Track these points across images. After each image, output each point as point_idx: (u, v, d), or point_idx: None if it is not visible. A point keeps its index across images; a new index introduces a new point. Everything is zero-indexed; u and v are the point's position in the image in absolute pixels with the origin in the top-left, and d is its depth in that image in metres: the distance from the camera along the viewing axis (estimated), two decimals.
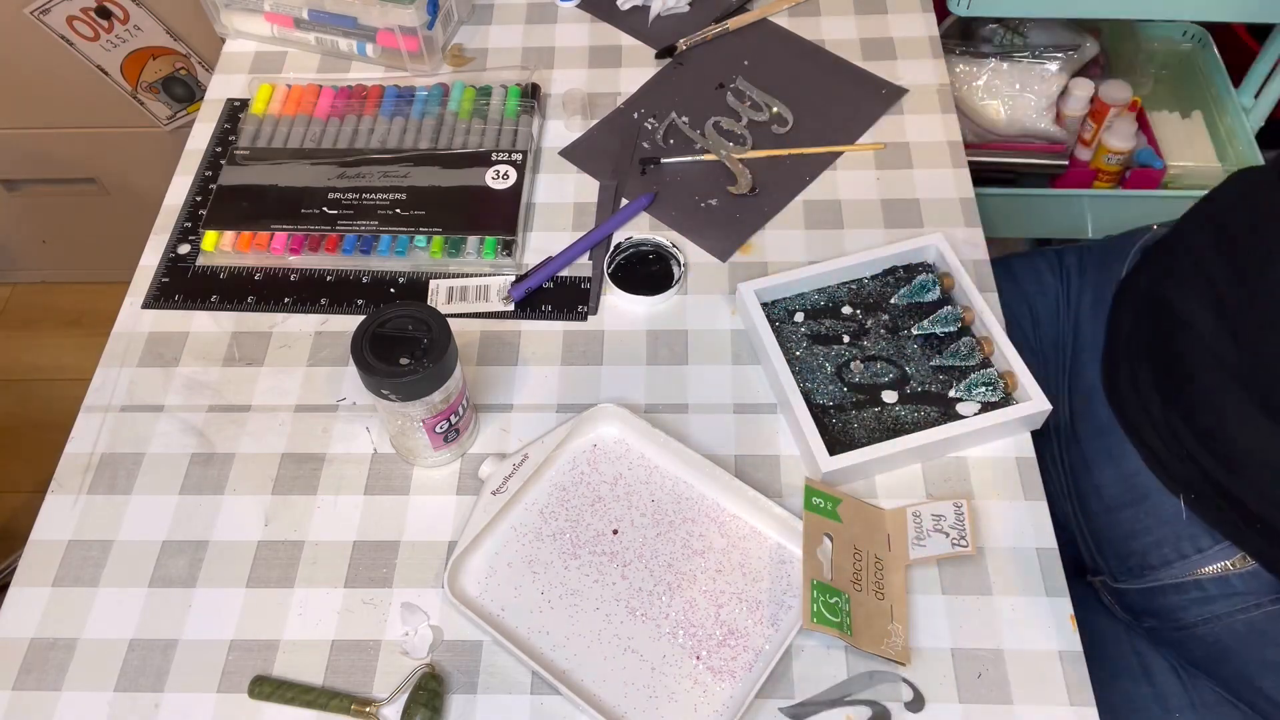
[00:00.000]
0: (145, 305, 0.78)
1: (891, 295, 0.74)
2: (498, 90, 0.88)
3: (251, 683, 0.60)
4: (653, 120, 0.88)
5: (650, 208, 0.82)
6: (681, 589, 0.63)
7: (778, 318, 0.73)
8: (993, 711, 0.58)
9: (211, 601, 0.64)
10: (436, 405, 0.63)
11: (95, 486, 0.69)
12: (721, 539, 0.65)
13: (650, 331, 0.75)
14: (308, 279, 0.79)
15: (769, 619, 0.61)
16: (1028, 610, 0.61)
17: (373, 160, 0.84)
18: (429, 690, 0.59)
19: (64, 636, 0.63)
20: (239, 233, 0.80)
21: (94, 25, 1.29)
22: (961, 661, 0.60)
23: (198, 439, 0.71)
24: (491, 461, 0.67)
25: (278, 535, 0.66)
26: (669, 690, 0.59)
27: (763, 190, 0.82)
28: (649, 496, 0.67)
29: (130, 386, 0.74)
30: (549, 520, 0.66)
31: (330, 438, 0.71)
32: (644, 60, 0.93)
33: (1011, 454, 0.68)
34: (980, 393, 0.68)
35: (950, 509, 0.63)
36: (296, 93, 0.89)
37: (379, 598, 0.63)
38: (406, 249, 0.79)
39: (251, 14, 0.93)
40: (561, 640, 0.61)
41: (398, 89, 0.89)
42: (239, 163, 0.84)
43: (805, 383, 0.69)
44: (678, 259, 0.77)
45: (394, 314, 0.61)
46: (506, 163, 0.83)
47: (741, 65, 0.92)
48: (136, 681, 0.61)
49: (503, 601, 0.63)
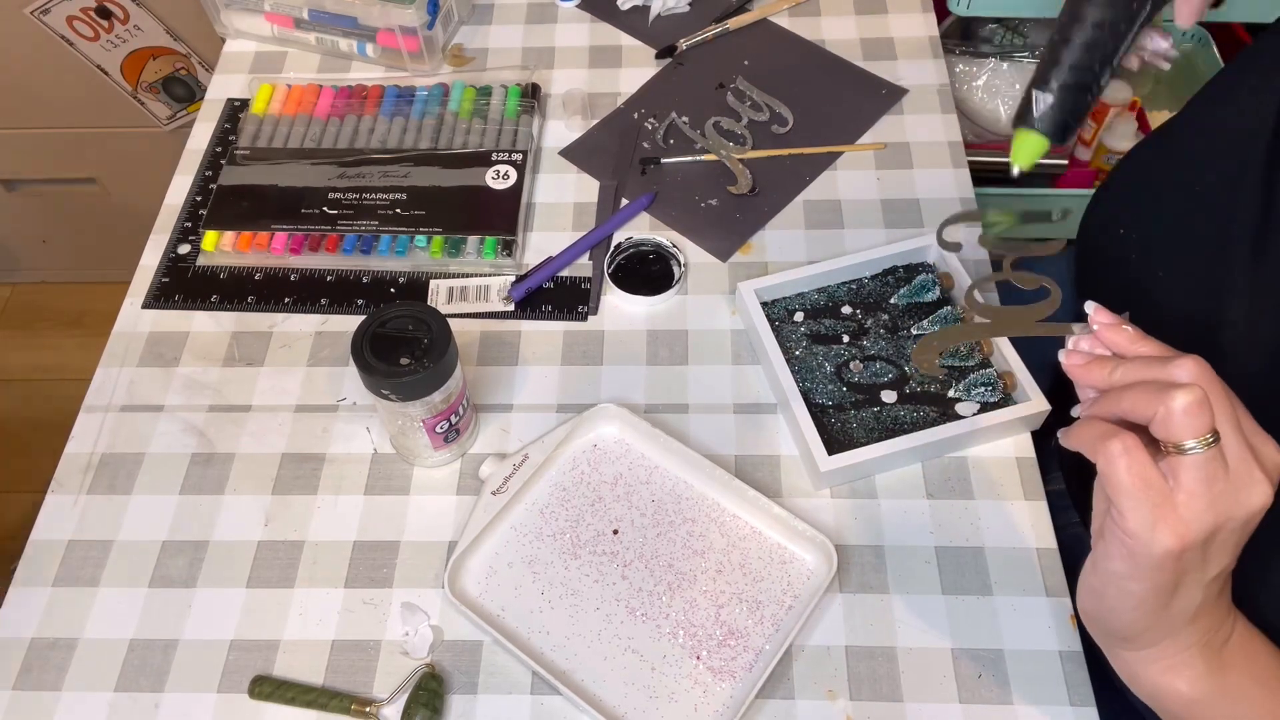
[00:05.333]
0: (145, 305, 0.78)
1: (891, 295, 0.74)
2: (498, 90, 0.88)
3: (252, 683, 0.60)
4: (653, 120, 0.88)
5: (650, 208, 0.82)
6: (682, 589, 0.63)
7: (777, 317, 0.73)
8: (993, 711, 0.58)
9: (212, 601, 0.64)
10: (436, 405, 0.63)
11: (95, 486, 0.69)
12: (721, 539, 0.65)
13: (650, 331, 0.75)
14: (308, 279, 0.79)
15: (769, 619, 0.61)
16: (1028, 610, 0.61)
17: (373, 160, 0.84)
18: (429, 690, 0.59)
19: (64, 636, 0.63)
20: (239, 233, 0.80)
21: (94, 25, 1.29)
22: (961, 661, 0.60)
23: (198, 439, 0.71)
24: (491, 461, 0.67)
25: (278, 535, 0.66)
26: (669, 690, 0.59)
27: (763, 190, 0.82)
28: (649, 496, 0.67)
29: (130, 386, 0.74)
30: (549, 520, 0.66)
31: (330, 438, 0.71)
32: (644, 60, 0.93)
33: (1011, 454, 0.68)
34: (979, 393, 0.68)
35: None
36: (297, 93, 0.89)
37: (379, 598, 0.64)
38: (406, 249, 0.79)
39: (251, 14, 0.93)
40: (561, 640, 0.61)
41: (398, 89, 0.89)
42: (239, 163, 0.84)
43: (804, 382, 0.69)
44: (678, 259, 0.77)
45: (394, 314, 0.61)
46: (507, 163, 0.83)
47: (741, 65, 0.92)
48: (136, 681, 0.61)
49: (503, 601, 0.63)
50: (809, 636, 0.61)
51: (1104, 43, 0.50)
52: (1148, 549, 0.41)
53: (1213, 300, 0.58)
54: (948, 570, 0.63)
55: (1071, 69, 0.51)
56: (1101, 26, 0.50)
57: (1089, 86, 0.51)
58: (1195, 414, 0.40)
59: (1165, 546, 0.40)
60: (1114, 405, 0.43)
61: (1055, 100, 0.51)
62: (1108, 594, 0.44)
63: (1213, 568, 0.43)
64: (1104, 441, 0.41)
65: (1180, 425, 0.40)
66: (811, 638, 0.61)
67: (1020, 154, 0.54)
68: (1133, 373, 0.44)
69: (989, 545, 0.64)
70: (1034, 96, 0.52)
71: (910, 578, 0.63)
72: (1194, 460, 0.40)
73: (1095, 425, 0.43)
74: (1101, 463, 0.41)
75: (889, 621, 0.61)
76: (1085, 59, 0.51)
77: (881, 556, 0.64)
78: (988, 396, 0.68)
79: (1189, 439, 0.40)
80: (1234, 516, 0.41)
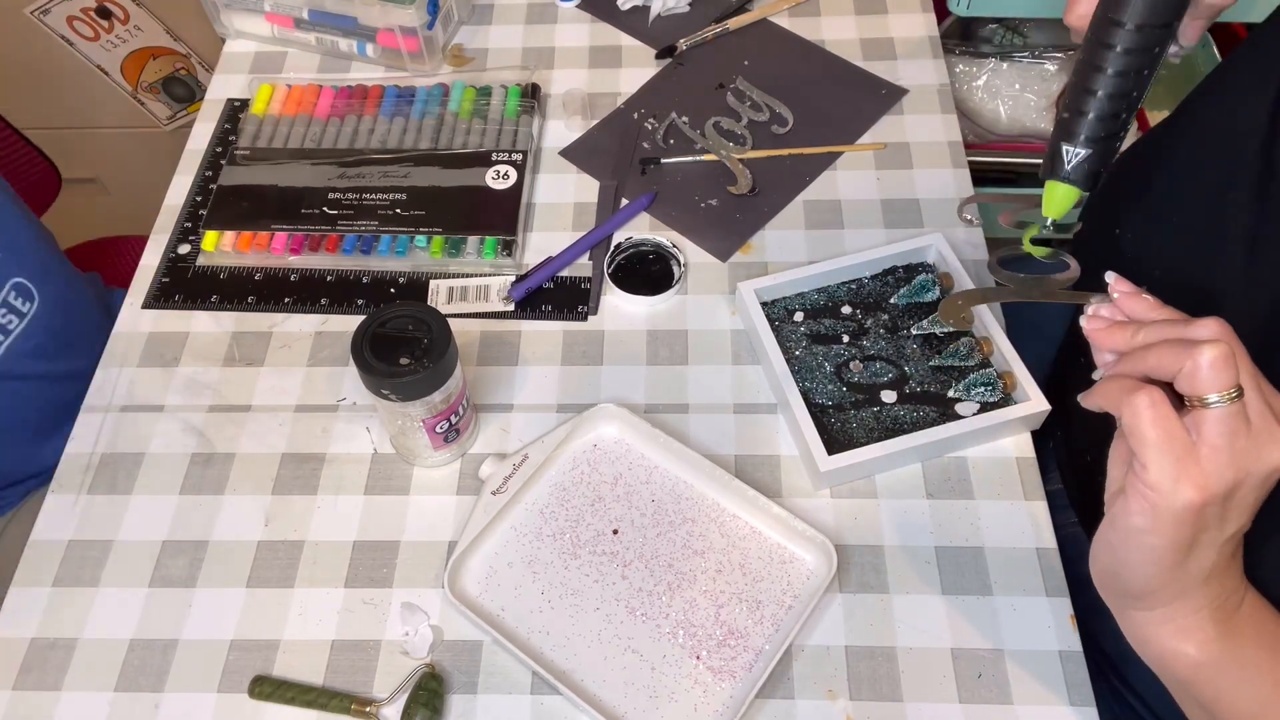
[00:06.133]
0: (145, 305, 0.78)
1: (891, 295, 0.74)
2: (498, 90, 0.88)
3: (252, 683, 0.60)
4: (653, 120, 0.88)
5: (650, 208, 0.82)
6: (682, 589, 0.63)
7: (777, 317, 0.73)
8: (993, 711, 0.58)
9: (211, 601, 0.64)
10: (436, 405, 0.63)
11: (95, 486, 0.69)
12: (721, 539, 0.65)
13: (650, 331, 0.75)
14: (308, 279, 0.79)
15: (769, 619, 0.61)
16: (1028, 610, 0.61)
17: (373, 160, 0.84)
18: (429, 690, 0.59)
19: (64, 636, 0.63)
20: (239, 233, 0.80)
21: (94, 25, 1.29)
22: (961, 661, 0.60)
23: (198, 439, 0.71)
24: (491, 461, 0.67)
25: (278, 535, 0.66)
26: (669, 690, 0.59)
27: (763, 190, 0.82)
28: (649, 496, 0.67)
29: (130, 386, 0.74)
30: (549, 520, 0.66)
31: (330, 438, 0.71)
32: (644, 60, 0.93)
33: (1011, 454, 0.68)
34: (979, 393, 0.68)
35: None
36: (297, 93, 0.89)
37: (379, 598, 0.64)
38: (406, 249, 0.79)
39: (251, 14, 0.93)
40: (562, 640, 0.61)
41: (398, 89, 0.89)
42: (239, 163, 0.84)
43: (804, 382, 0.69)
44: (678, 259, 0.77)
45: (394, 314, 0.61)
46: (506, 163, 0.83)
47: (741, 65, 0.92)
48: (136, 681, 0.61)
49: (503, 601, 0.63)
50: (809, 636, 0.61)
51: (1128, 91, 0.50)
52: (1169, 501, 0.41)
53: (1208, 299, 0.58)
54: (948, 570, 0.63)
55: (1099, 120, 0.51)
56: (1125, 75, 0.50)
57: (1116, 135, 0.52)
58: (1221, 368, 0.41)
59: (1187, 499, 0.41)
60: (1139, 363, 0.44)
61: (1085, 154, 0.52)
62: (1125, 549, 0.44)
63: (1230, 526, 0.43)
64: (1130, 395, 0.42)
65: (1207, 378, 0.41)
66: (811, 638, 0.61)
67: (1052, 206, 0.54)
68: (1156, 333, 0.45)
69: (989, 545, 0.64)
70: (1064, 150, 0.52)
71: (910, 578, 0.63)
72: (1218, 414, 0.41)
73: (1120, 381, 0.44)
74: (1127, 416, 0.42)
75: (889, 621, 0.61)
76: (1111, 108, 0.51)
77: (881, 556, 0.64)
78: (988, 396, 0.68)
79: (1214, 392, 0.41)
80: (1254, 472, 0.42)
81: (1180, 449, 0.41)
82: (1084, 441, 0.73)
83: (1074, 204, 0.54)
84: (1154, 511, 0.42)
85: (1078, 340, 0.80)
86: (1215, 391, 0.41)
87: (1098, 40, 0.50)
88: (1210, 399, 0.41)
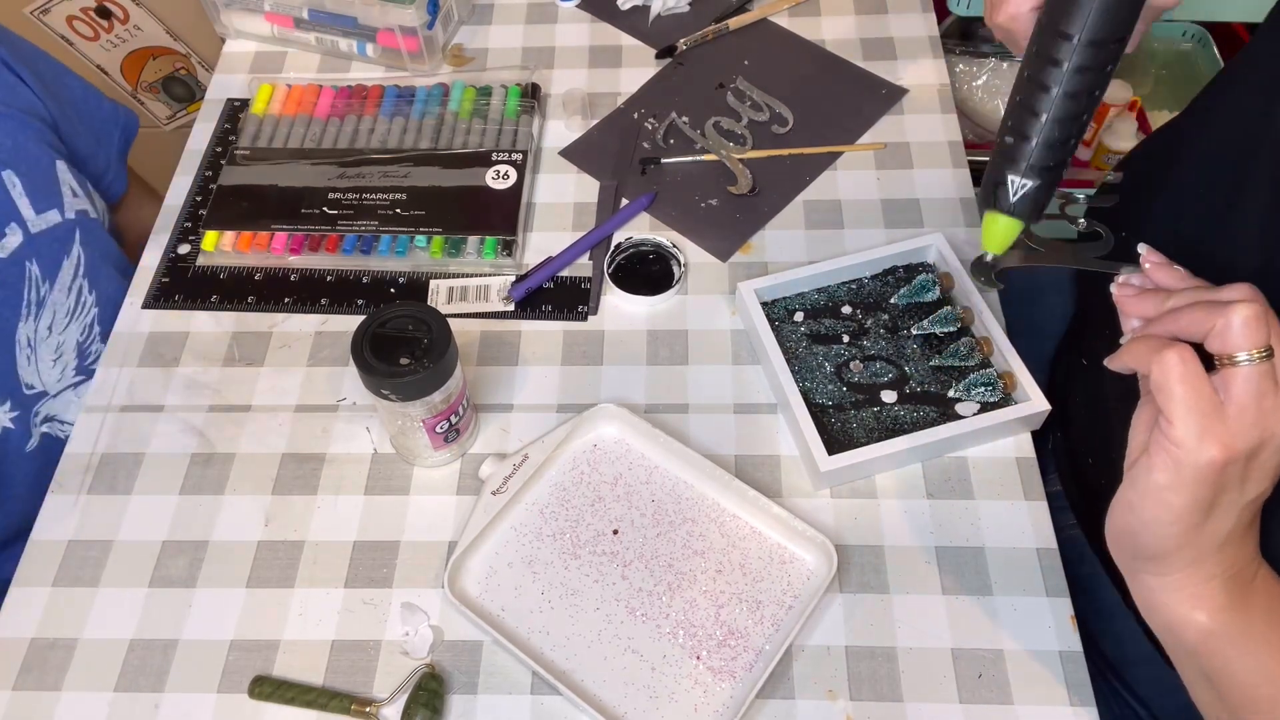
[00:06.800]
0: (145, 305, 0.78)
1: (891, 295, 0.74)
2: (498, 90, 0.88)
3: (251, 683, 0.60)
4: (653, 120, 0.88)
5: (650, 208, 0.82)
6: (682, 589, 0.63)
7: (777, 317, 0.73)
8: (993, 711, 0.58)
9: (211, 601, 0.64)
10: (436, 405, 0.63)
11: (95, 486, 0.69)
12: (721, 539, 0.65)
13: (650, 331, 0.75)
14: (308, 279, 0.79)
15: (769, 619, 0.61)
16: (1028, 610, 0.61)
17: (373, 160, 0.84)
18: (429, 690, 0.59)
19: (64, 636, 0.63)
20: (239, 233, 0.80)
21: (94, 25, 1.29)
22: (961, 661, 0.60)
23: (198, 439, 0.71)
24: (492, 461, 0.67)
25: (278, 535, 0.66)
26: (669, 690, 0.59)
27: (763, 190, 0.82)
28: (649, 496, 0.67)
29: (130, 386, 0.74)
30: (549, 520, 0.66)
31: (330, 438, 0.71)
32: (644, 60, 0.93)
33: (1011, 454, 0.68)
34: (979, 393, 0.68)
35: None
36: (296, 93, 0.89)
37: (379, 598, 0.63)
38: (406, 249, 0.79)
39: (251, 14, 0.93)
40: (561, 640, 0.61)
41: (398, 89, 0.89)
42: (239, 163, 0.84)
43: (804, 382, 0.69)
44: (678, 259, 0.77)
45: (394, 314, 0.61)
46: (506, 163, 0.83)
47: (741, 65, 0.92)
48: (136, 681, 0.61)
49: (503, 601, 0.63)
50: (809, 636, 0.61)
51: (1078, 114, 0.46)
52: (1194, 458, 0.42)
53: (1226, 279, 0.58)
54: (948, 570, 0.63)
55: (1047, 148, 0.47)
56: (1075, 97, 0.45)
57: (1064, 162, 0.48)
58: (1254, 326, 0.41)
59: (1210, 456, 0.42)
60: (1170, 323, 0.44)
61: (1032, 185, 0.48)
62: (1145, 507, 0.45)
63: (1251, 489, 0.44)
64: (1160, 352, 0.43)
65: (1239, 335, 0.42)
66: (811, 638, 0.61)
67: (993, 240, 0.52)
68: (1187, 298, 0.45)
69: (989, 545, 0.64)
70: (1008, 181, 0.48)
71: (910, 578, 0.63)
72: (1247, 372, 0.42)
73: (1149, 340, 0.44)
74: (1156, 372, 0.43)
75: (889, 621, 0.61)
76: (1060, 134, 0.47)
77: (881, 556, 0.64)
78: (988, 396, 0.68)
79: (1245, 350, 0.42)
80: (1278, 434, 0.42)
81: (1208, 405, 0.42)
82: (1084, 444, 0.73)
83: (1016, 236, 0.51)
84: (1177, 467, 0.42)
85: (1078, 340, 0.81)
86: (1246, 349, 0.42)
87: (1044, 55, 0.46)
88: (1240, 357, 0.42)
